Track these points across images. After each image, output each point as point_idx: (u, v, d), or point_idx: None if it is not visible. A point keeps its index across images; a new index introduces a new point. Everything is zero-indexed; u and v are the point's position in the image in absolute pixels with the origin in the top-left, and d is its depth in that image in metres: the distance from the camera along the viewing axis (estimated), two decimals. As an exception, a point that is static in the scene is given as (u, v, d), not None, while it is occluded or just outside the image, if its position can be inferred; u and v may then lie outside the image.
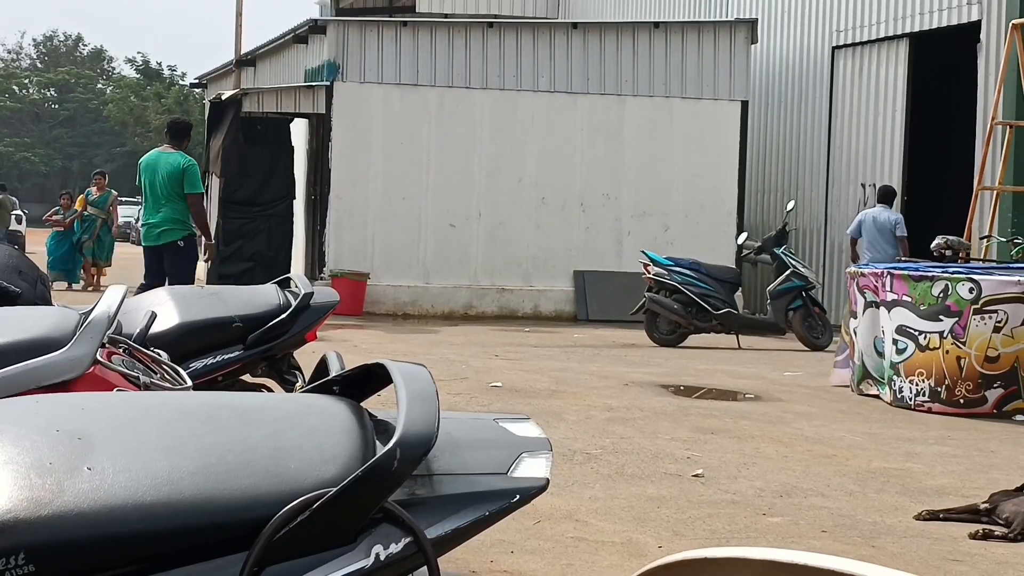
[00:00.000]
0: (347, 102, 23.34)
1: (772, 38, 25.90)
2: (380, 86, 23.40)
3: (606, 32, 24.40)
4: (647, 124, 24.15)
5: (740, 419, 11.78)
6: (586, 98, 24.03)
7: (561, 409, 11.97)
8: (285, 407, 2.94)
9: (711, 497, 8.30)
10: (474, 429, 2.99)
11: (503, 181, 23.60)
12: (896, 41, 22.87)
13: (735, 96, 24.33)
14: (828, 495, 8.51)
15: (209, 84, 37.24)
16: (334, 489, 2.53)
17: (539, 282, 23.82)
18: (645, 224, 23.87)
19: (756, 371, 16.07)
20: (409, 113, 23.39)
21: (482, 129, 23.67)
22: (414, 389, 2.73)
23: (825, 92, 24.63)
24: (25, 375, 4.57)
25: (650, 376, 14.99)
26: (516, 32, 24.14)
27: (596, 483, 8.63)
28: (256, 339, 7.71)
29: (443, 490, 2.74)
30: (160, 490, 2.50)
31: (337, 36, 23.50)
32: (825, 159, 24.63)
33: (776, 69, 26.00)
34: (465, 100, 23.62)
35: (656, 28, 24.60)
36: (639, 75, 24.19)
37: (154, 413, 2.81)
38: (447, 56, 23.64)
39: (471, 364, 15.58)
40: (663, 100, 24.23)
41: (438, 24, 24.75)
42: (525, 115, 23.80)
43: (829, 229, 24.51)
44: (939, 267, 14.22)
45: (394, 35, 23.63)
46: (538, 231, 23.79)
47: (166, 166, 15.12)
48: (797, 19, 25.42)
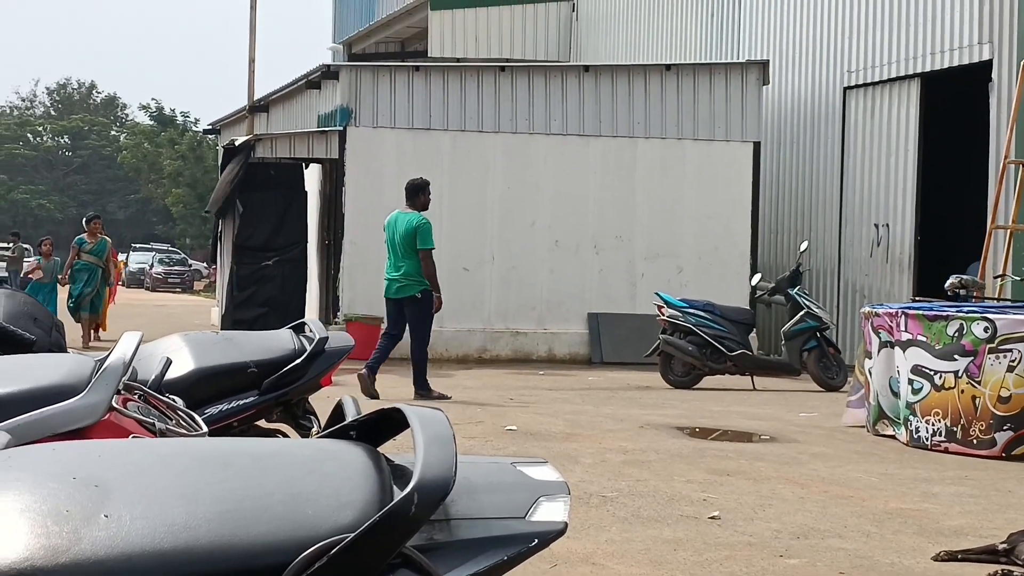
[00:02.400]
0: (360, 147, 23.40)
1: (784, 79, 25.94)
2: (393, 131, 23.46)
3: (618, 74, 24.45)
4: (659, 166, 24.18)
5: (756, 460, 11.74)
6: (598, 140, 24.07)
7: (576, 452, 11.94)
8: (301, 453, 2.93)
9: (728, 539, 8.27)
10: (492, 473, 2.98)
11: (516, 224, 23.62)
12: (908, 81, 22.89)
13: (747, 137, 24.35)
14: (845, 536, 8.47)
15: (222, 130, 37.38)
16: (352, 535, 2.52)
17: (553, 325, 23.81)
18: (659, 266, 23.87)
19: (771, 412, 16.03)
20: (422, 157, 23.42)
21: (495, 172, 23.71)
22: (431, 433, 2.72)
23: (837, 132, 24.64)
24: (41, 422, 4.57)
25: (665, 418, 14.95)
26: (528, 75, 24.21)
27: (612, 526, 8.60)
28: (271, 384, 7.71)
29: (461, 534, 2.73)
30: (177, 537, 2.49)
31: (350, 81, 23.58)
32: (838, 199, 24.62)
33: (788, 110, 26.03)
34: (477, 144, 23.67)
35: (668, 70, 24.65)
36: (651, 117, 24.23)
37: (171, 460, 2.81)
38: (459, 100, 23.71)
39: (486, 408, 15.56)
40: (675, 142, 24.26)
41: (450, 68, 24.83)
42: (537, 158, 23.84)
43: (843, 269, 24.48)
44: (953, 306, 14.19)
45: (406, 80, 23.70)
46: (551, 274, 23.79)
47: (403, 225, 16.72)
48: (809, 60, 25.46)
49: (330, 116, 24.67)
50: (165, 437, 4.68)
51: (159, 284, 67.93)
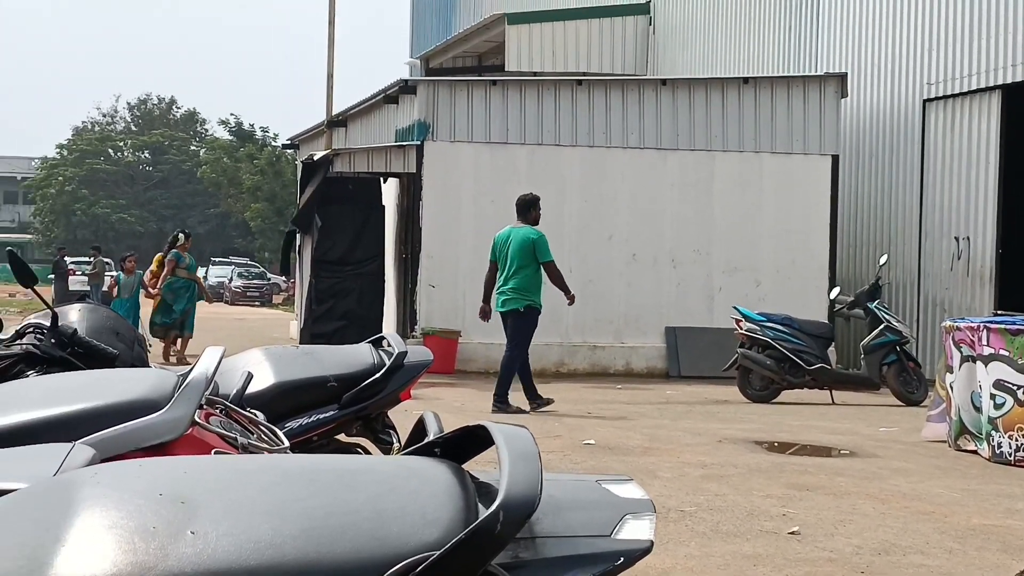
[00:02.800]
0: (437, 161, 23.47)
1: (862, 91, 25.78)
2: (470, 144, 23.52)
3: (695, 88, 24.40)
4: (737, 179, 24.11)
5: (836, 475, 11.66)
6: (675, 154, 24.02)
7: (655, 466, 11.91)
8: (386, 470, 2.93)
9: (808, 555, 8.22)
10: (577, 490, 2.97)
11: (593, 238, 23.60)
12: (988, 93, 22.69)
13: (826, 150, 24.24)
14: (928, 553, 8.40)
15: (301, 145, 37.58)
16: (437, 552, 2.51)
17: (631, 339, 23.76)
18: (736, 280, 23.79)
19: (851, 426, 15.93)
20: (499, 171, 23.47)
21: (571, 186, 23.70)
22: (516, 451, 2.71)
23: (917, 145, 24.46)
24: (124, 437, 4.59)
25: (744, 432, 14.89)
26: (605, 89, 24.19)
27: (691, 541, 8.57)
28: (351, 398, 7.72)
29: (546, 552, 2.72)
30: (263, 554, 2.50)
31: (427, 96, 23.65)
32: (917, 212, 24.44)
33: (867, 122, 25.86)
34: (554, 157, 23.68)
35: (745, 83, 24.58)
36: (728, 130, 24.16)
37: (256, 476, 2.81)
38: (536, 114, 23.73)
39: (564, 422, 15.56)
40: (753, 155, 24.18)
41: (527, 82, 24.85)
42: (615, 172, 23.82)
43: (922, 283, 24.29)
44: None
45: (484, 94, 23.75)
46: (629, 288, 23.76)
47: (517, 239, 17.21)
48: (887, 72, 25.29)
49: (408, 130, 24.75)
50: (247, 452, 4.70)
51: (238, 298, 68.34)
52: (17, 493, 2.87)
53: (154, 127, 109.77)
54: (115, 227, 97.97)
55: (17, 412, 4.70)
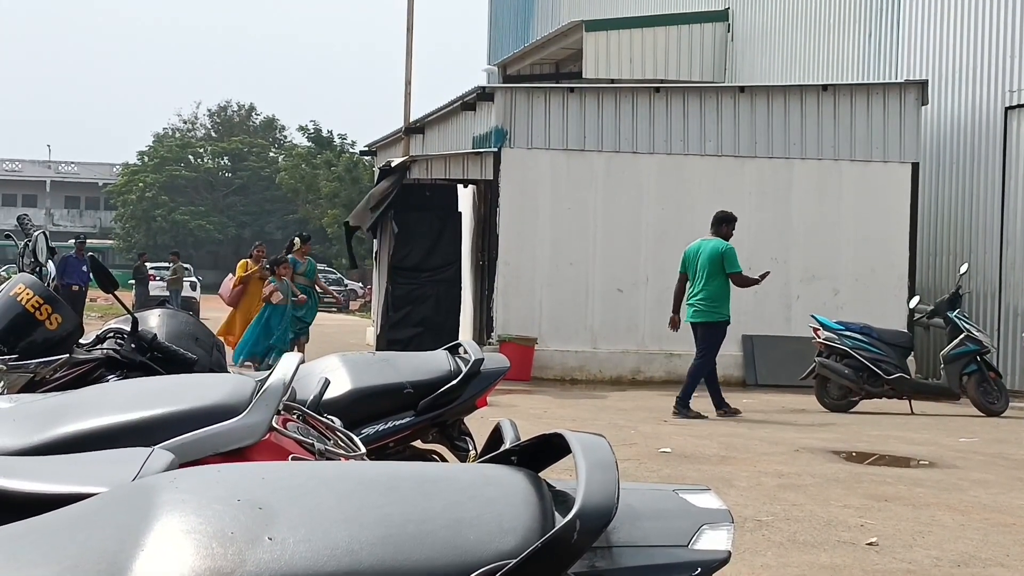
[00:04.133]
0: (514, 168, 23.49)
1: (943, 99, 25.58)
2: (547, 152, 23.53)
3: (773, 95, 24.30)
4: (815, 187, 23.98)
5: (914, 486, 11.57)
6: (753, 162, 23.94)
7: (731, 475, 11.86)
8: (463, 477, 2.93)
9: (886, 566, 8.16)
10: (654, 500, 2.95)
11: (670, 246, 23.48)
12: (1071, 101, 22.47)
13: (905, 158, 24.07)
14: (1009, 565, 8.31)
15: (379, 151, 37.72)
16: (514, 561, 2.51)
17: (707, 347, 23.65)
18: (814, 288, 23.66)
19: (930, 437, 15.80)
20: (576, 178, 23.47)
21: (649, 193, 23.67)
22: (593, 460, 2.70)
23: (998, 153, 24.25)
24: (203, 441, 4.62)
25: (821, 442, 14.80)
26: (682, 96, 24.14)
27: (768, 551, 8.52)
28: (427, 405, 7.73)
29: (623, 562, 2.71)
30: (340, 561, 2.50)
31: (504, 103, 23.69)
32: (999, 221, 24.22)
33: (947, 130, 25.66)
34: (632, 165, 23.65)
35: (824, 91, 24.46)
36: (807, 138, 24.05)
37: (334, 483, 2.82)
38: (613, 121, 23.71)
39: (640, 429, 15.52)
40: (832, 163, 24.05)
41: (604, 90, 24.83)
42: (692, 179, 23.76)
43: (1004, 292, 24.07)
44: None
45: (561, 101, 23.76)
46: (706, 296, 23.65)
47: (707, 250, 17.78)
48: (969, 79, 25.09)
49: (485, 137, 24.79)
50: (324, 458, 4.72)
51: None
52: (97, 497, 2.89)
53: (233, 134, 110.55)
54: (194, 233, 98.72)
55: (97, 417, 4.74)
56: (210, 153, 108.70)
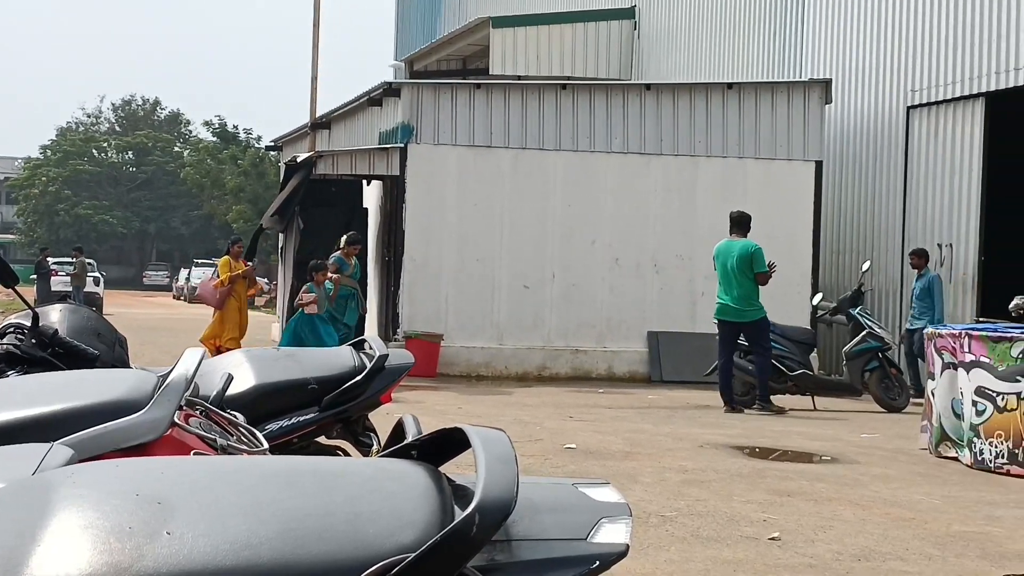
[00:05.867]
0: (421, 164, 23.46)
1: (846, 98, 25.82)
2: (454, 148, 23.52)
3: (679, 93, 24.43)
4: (720, 185, 24.12)
5: (816, 481, 11.68)
6: (659, 159, 24.04)
7: (636, 471, 11.92)
8: (363, 472, 2.93)
9: (788, 561, 8.23)
10: (553, 494, 2.96)
11: (576, 242, 23.61)
12: (972, 100, 22.74)
13: (809, 156, 24.27)
14: (907, 559, 8.41)
15: (284, 147, 37.57)
16: (413, 555, 2.51)
17: (613, 343, 23.77)
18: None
19: (832, 433, 15.95)
20: (483, 175, 23.48)
21: (556, 190, 23.71)
22: (493, 454, 2.71)
23: (900, 152, 24.51)
24: (103, 437, 4.58)
25: (725, 437, 14.90)
26: (589, 94, 24.21)
27: (672, 546, 8.57)
28: (331, 401, 7.71)
29: (522, 555, 2.72)
30: (239, 555, 2.49)
31: (411, 99, 23.65)
32: (900, 219, 24.48)
33: (851, 129, 25.90)
34: (539, 161, 23.68)
35: (729, 89, 24.62)
36: (712, 136, 24.19)
37: (234, 477, 2.81)
38: (521, 118, 23.73)
39: (545, 425, 15.56)
40: (736, 161, 24.21)
41: (512, 86, 24.85)
42: (598, 176, 23.83)
43: (905, 290, 24.31)
44: (1018, 328, 14.06)
45: (468, 97, 23.75)
46: (612, 292, 23.77)
47: (738, 251, 18.30)
48: (871, 79, 25.34)
49: (391, 133, 24.74)
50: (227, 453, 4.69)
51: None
52: (-7, 492, 2.86)
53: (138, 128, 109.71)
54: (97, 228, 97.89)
55: (-4, 412, 4.69)
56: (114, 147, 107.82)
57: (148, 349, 26.44)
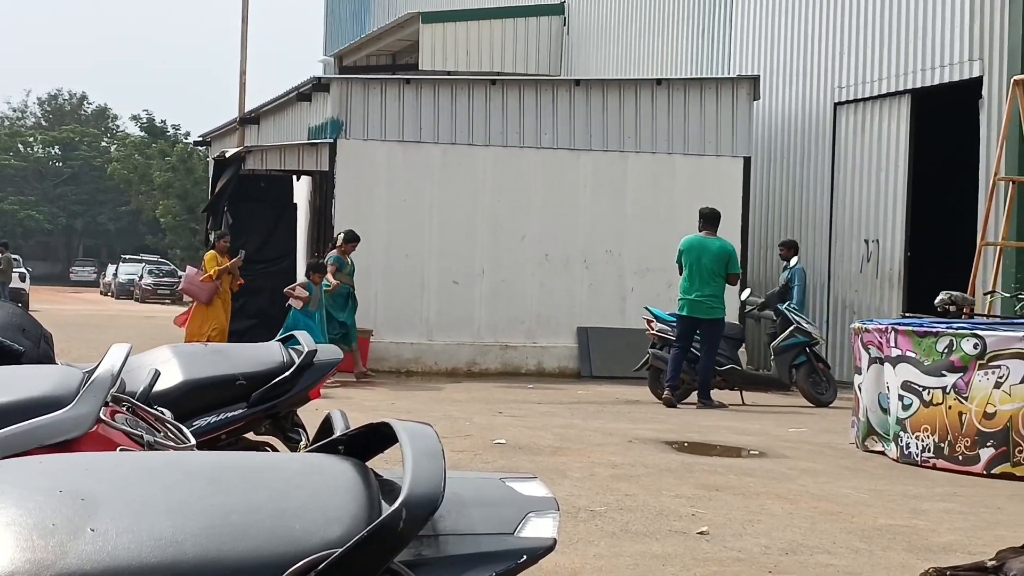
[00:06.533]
0: (350, 159, 23.38)
1: (774, 94, 25.96)
2: (383, 143, 23.45)
3: (608, 89, 24.46)
4: (650, 180, 24.18)
5: (745, 476, 11.73)
6: (589, 155, 24.07)
7: (565, 466, 11.93)
8: (289, 467, 2.92)
9: (716, 555, 8.26)
10: (480, 488, 2.96)
11: (506, 238, 23.60)
12: (898, 97, 22.92)
13: (738, 152, 24.37)
14: (834, 552, 8.46)
15: (213, 142, 37.36)
16: (339, 550, 2.50)
17: (542, 339, 23.79)
18: (648, 280, 23.85)
19: (760, 427, 16.03)
20: (412, 170, 23.43)
21: (485, 186, 23.70)
22: (420, 448, 2.71)
23: (828, 148, 24.66)
24: (28, 434, 4.54)
25: (654, 432, 14.94)
26: (519, 89, 24.21)
27: (600, 540, 8.59)
28: (259, 397, 7.68)
29: (449, 550, 2.72)
30: (164, 552, 2.48)
31: (340, 94, 23.57)
32: (828, 215, 24.64)
33: (778, 125, 26.05)
34: (468, 157, 23.66)
35: (658, 85, 24.67)
36: (641, 132, 24.24)
37: (158, 474, 2.79)
38: (450, 113, 23.70)
39: (475, 421, 15.55)
40: (666, 156, 24.27)
41: (441, 82, 24.82)
42: (528, 172, 23.84)
43: (833, 285, 24.49)
44: (943, 323, 14.19)
45: (397, 93, 23.69)
46: (541, 288, 23.78)
47: (714, 249, 18.52)
48: (799, 75, 25.49)
49: (320, 128, 24.65)
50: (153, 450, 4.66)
51: (148, 295, 67.85)
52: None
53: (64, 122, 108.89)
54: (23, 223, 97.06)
55: (-82, 409, 4.64)
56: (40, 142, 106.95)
57: (75, 345, 26.23)
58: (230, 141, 31.86)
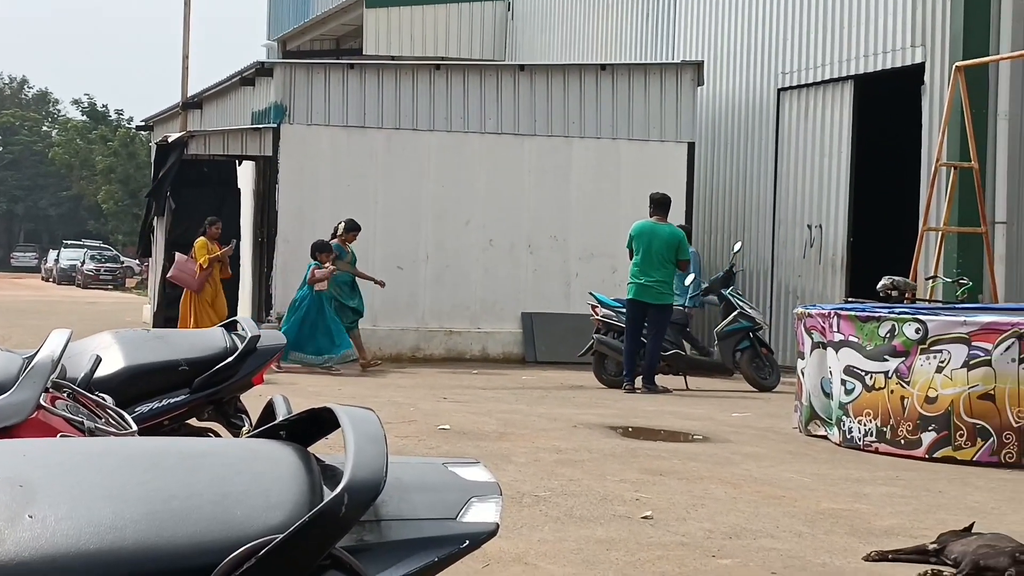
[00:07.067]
0: (294, 144, 23.30)
1: (718, 80, 26.02)
2: (327, 128, 23.37)
3: (553, 74, 24.46)
4: (594, 166, 24.19)
5: (689, 460, 11.76)
6: (533, 140, 24.06)
7: (509, 451, 11.93)
8: (231, 452, 2.90)
9: (660, 539, 8.27)
10: (423, 473, 2.96)
11: (450, 223, 23.57)
12: (841, 83, 23.01)
13: (682, 138, 24.41)
14: (777, 536, 8.49)
15: (155, 127, 37.15)
16: (281, 536, 2.49)
17: (487, 324, 23.79)
18: (593, 266, 23.87)
19: (704, 412, 16.07)
20: (356, 155, 23.36)
21: (429, 171, 23.66)
22: (362, 433, 2.69)
23: (771, 134, 24.74)
24: (-33, 420, 4.50)
25: (599, 418, 14.96)
26: (463, 74, 24.17)
27: (545, 525, 8.59)
28: (202, 383, 7.65)
29: (392, 536, 2.71)
30: (103, 538, 2.46)
31: (284, 78, 23.47)
32: (771, 200, 24.72)
33: (722, 111, 26.11)
34: (412, 142, 23.61)
35: (603, 70, 24.68)
36: (586, 117, 24.25)
37: (98, 460, 2.77)
38: (394, 98, 23.64)
39: (419, 407, 15.53)
40: (610, 142, 24.29)
41: (385, 66, 24.76)
42: (472, 157, 23.81)
43: (776, 270, 24.59)
44: (886, 308, 14.27)
45: (341, 77, 23.62)
46: (486, 273, 23.77)
47: (665, 235, 18.53)
48: (743, 61, 25.55)
49: (264, 113, 24.55)
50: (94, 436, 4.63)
51: (91, 281, 67.49)
52: None
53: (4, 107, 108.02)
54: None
55: None
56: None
57: (15, 332, 26.07)
58: (173, 126, 31.68)
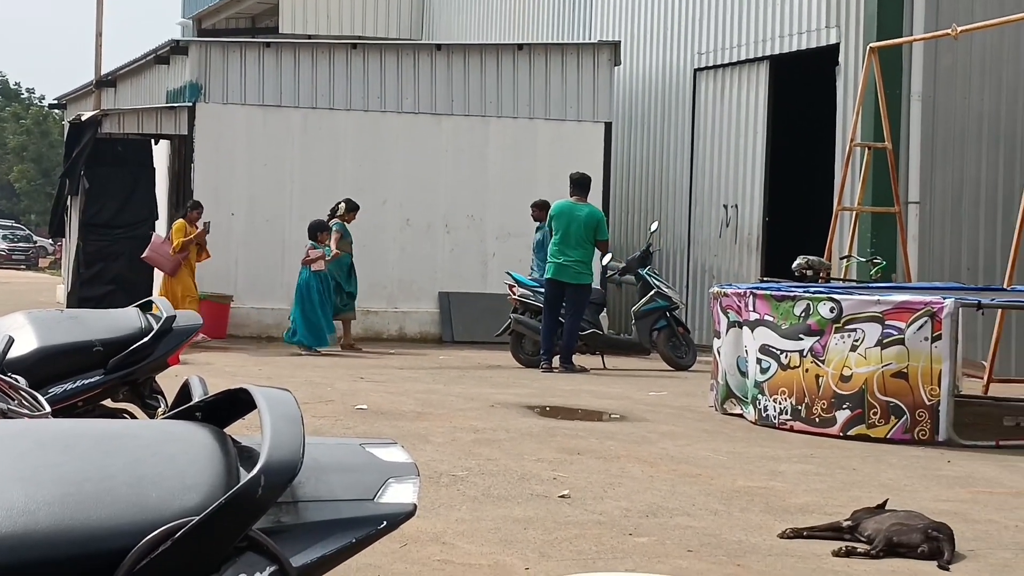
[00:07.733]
0: (210, 123, 23.14)
1: (635, 60, 26.07)
2: (243, 107, 23.24)
3: (470, 54, 24.43)
4: (511, 145, 24.19)
5: (606, 439, 11.80)
6: (450, 119, 24.03)
7: (427, 431, 11.93)
8: (145, 434, 2.87)
9: (577, 518, 8.30)
10: (340, 455, 2.94)
11: (367, 203, 23.44)
12: (757, 64, 23.13)
13: (599, 117, 24.45)
14: (693, 514, 8.55)
15: (69, 105, 36.81)
16: (197, 518, 2.47)
17: (404, 304, 23.75)
18: (510, 245, 23.87)
19: (621, 391, 16.13)
20: (273, 134, 23.24)
21: (346, 151, 23.58)
22: (278, 414, 2.68)
23: (688, 114, 24.84)
24: None
25: (516, 397, 14.98)
26: (380, 53, 24.09)
27: (462, 505, 8.60)
28: (117, 363, 7.59)
29: (309, 517, 2.70)
30: (15, 521, 2.43)
31: (199, 57, 23.30)
32: (688, 180, 24.83)
33: (639, 91, 26.18)
34: (329, 121, 23.51)
35: (520, 50, 24.68)
36: (503, 97, 24.23)
37: (9, 442, 2.73)
38: (311, 77, 23.53)
39: (336, 387, 15.49)
40: (527, 121, 24.29)
41: (301, 45, 24.65)
42: (389, 136, 23.74)
43: (692, 250, 24.70)
44: (801, 287, 14.37)
45: (257, 56, 23.47)
46: (403, 253, 23.73)
47: (584, 215, 18.59)
48: (660, 41, 25.62)
49: (179, 92, 24.37)
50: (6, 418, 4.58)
51: (3, 261, 66.73)
52: None
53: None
54: None
55: None
56: None
57: (-73, 312, 25.73)
58: (86, 104, 31.39)
